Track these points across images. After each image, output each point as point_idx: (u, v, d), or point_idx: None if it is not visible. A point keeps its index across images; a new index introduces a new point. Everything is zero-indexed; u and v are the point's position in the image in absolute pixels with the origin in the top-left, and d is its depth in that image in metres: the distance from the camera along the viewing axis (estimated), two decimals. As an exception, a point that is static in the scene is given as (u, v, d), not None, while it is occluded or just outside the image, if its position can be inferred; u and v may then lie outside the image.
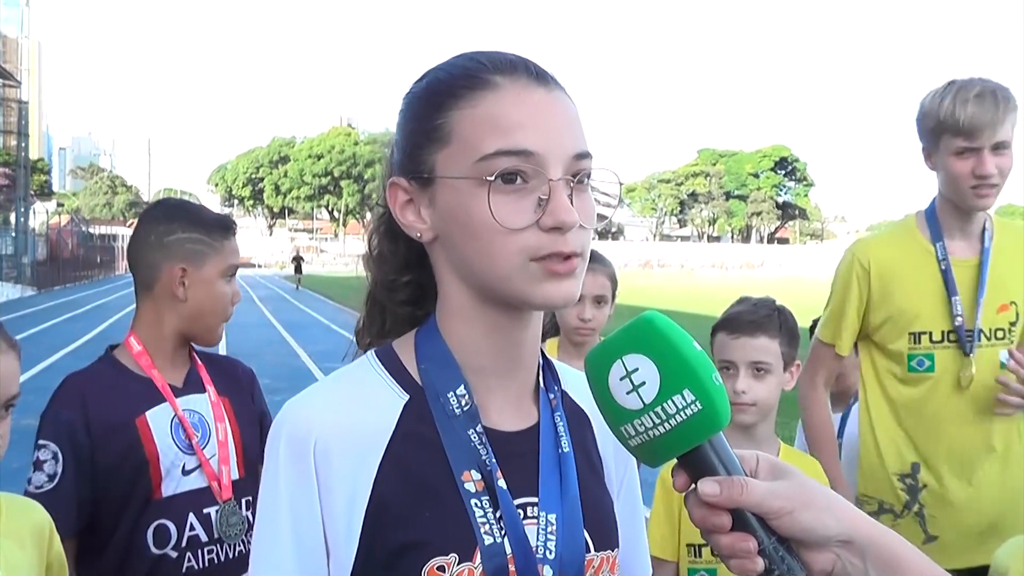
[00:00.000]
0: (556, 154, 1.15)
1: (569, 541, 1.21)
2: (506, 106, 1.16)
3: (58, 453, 2.23)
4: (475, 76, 1.20)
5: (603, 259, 3.45)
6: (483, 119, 1.16)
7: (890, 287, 3.04)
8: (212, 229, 2.47)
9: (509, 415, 1.27)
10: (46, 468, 2.22)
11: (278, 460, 1.21)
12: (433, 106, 1.21)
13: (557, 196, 1.14)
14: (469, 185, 1.16)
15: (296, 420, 1.22)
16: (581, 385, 1.36)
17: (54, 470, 2.22)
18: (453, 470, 1.19)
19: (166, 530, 2.29)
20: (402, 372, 1.27)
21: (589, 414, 1.37)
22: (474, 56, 1.24)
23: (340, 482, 1.18)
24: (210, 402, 2.44)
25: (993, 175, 2.82)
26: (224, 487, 2.37)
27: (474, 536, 1.16)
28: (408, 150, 1.24)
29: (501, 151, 1.14)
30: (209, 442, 2.38)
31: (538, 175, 1.14)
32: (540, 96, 1.18)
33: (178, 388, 2.41)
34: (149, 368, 2.38)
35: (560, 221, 1.13)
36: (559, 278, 1.16)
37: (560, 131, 1.17)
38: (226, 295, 2.47)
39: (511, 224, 1.13)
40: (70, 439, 2.24)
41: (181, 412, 2.36)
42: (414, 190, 1.24)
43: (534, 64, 1.22)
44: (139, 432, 2.29)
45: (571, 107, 1.22)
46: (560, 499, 1.23)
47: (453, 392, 1.23)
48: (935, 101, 2.87)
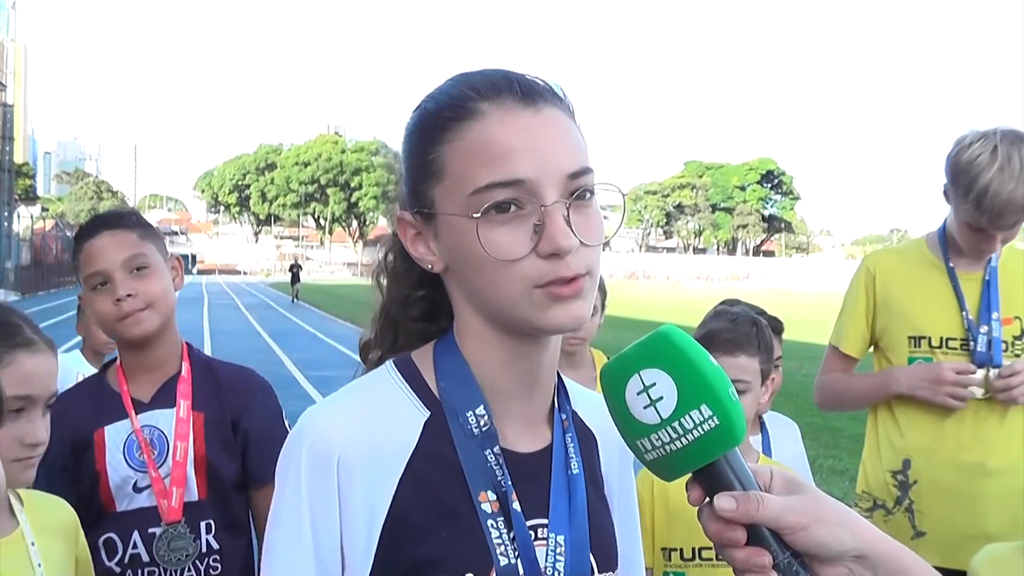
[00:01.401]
0: (549, 177, 1.13)
1: (576, 563, 1.22)
2: (492, 134, 1.14)
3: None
4: (460, 105, 1.18)
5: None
6: (471, 151, 1.15)
7: (893, 292, 3.14)
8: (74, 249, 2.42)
9: (524, 436, 1.28)
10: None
11: (300, 472, 1.20)
12: (425, 139, 1.21)
13: (552, 222, 1.12)
14: (465, 220, 1.14)
15: (319, 433, 1.22)
16: (590, 404, 1.39)
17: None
18: (471, 490, 1.19)
19: (113, 544, 2.28)
20: (423, 386, 1.27)
21: (596, 433, 1.38)
22: (460, 80, 1.22)
23: (360, 497, 1.19)
24: (176, 418, 2.35)
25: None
26: (171, 509, 2.28)
27: (490, 556, 1.17)
28: (410, 185, 1.25)
29: (492, 183, 1.12)
30: (165, 460, 2.32)
31: (532, 201, 1.13)
32: (527, 119, 1.15)
33: (143, 403, 2.36)
34: (121, 383, 2.36)
35: (557, 247, 1.11)
36: (565, 301, 1.15)
37: (551, 152, 1.15)
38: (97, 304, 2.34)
39: (507, 256, 1.12)
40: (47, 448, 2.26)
41: (139, 428, 2.31)
42: (420, 224, 1.24)
43: (521, 81, 1.19)
44: (95, 446, 2.29)
45: (563, 123, 1.19)
46: (569, 521, 1.24)
47: (472, 412, 1.23)
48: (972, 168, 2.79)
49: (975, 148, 2.79)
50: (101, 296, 2.32)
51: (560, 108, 1.20)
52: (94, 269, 2.32)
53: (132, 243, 2.36)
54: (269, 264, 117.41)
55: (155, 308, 2.34)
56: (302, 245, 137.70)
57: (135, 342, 2.35)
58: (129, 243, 2.35)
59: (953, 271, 3.05)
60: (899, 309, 3.12)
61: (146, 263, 2.35)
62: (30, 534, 1.84)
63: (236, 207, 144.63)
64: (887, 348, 3.18)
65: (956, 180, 2.86)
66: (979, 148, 2.78)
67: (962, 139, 2.87)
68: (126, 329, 2.31)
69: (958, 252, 3.06)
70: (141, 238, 2.38)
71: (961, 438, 3.02)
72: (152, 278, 2.35)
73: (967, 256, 3.05)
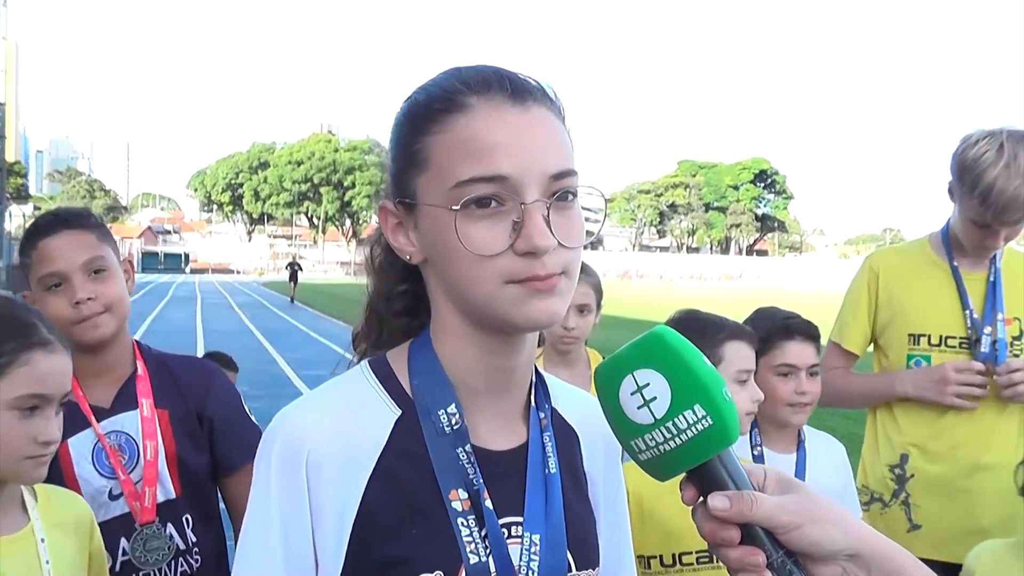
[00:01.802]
0: (531, 176, 1.13)
1: (552, 561, 1.22)
2: (479, 129, 1.14)
3: None
4: (449, 98, 1.18)
5: (587, 268, 3.46)
6: (456, 144, 1.15)
7: (894, 289, 3.18)
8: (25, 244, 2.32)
9: (499, 434, 1.28)
10: None
11: (270, 470, 1.21)
12: (412, 130, 1.21)
13: (531, 220, 1.12)
14: (445, 212, 1.14)
15: (290, 431, 1.23)
16: (572, 401, 1.40)
17: None
18: (441, 488, 1.19)
19: None
20: (395, 385, 1.27)
21: (578, 430, 1.38)
22: (453, 73, 1.21)
23: (330, 494, 1.19)
24: (141, 418, 2.29)
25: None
26: (145, 510, 2.24)
27: (459, 554, 1.17)
28: (394, 174, 1.25)
29: (475, 178, 1.13)
30: (137, 463, 2.26)
31: (513, 198, 1.13)
32: (514, 116, 1.15)
33: (104, 409, 2.29)
34: (76, 391, 2.23)
35: (533, 246, 1.12)
36: (540, 296, 1.15)
37: (536, 152, 1.14)
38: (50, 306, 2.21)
39: (484, 251, 1.13)
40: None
41: (104, 436, 2.25)
42: (401, 214, 1.24)
43: (512, 79, 1.19)
44: (60, 460, 2.17)
45: (551, 124, 1.19)
46: (545, 519, 1.24)
47: (444, 410, 1.23)
48: (978, 165, 2.84)
49: (981, 145, 2.84)
50: (56, 297, 2.23)
51: (549, 108, 1.20)
52: (51, 270, 2.24)
53: (91, 245, 2.29)
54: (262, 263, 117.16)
55: (113, 312, 2.27)
56: (295, 244, 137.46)
57: (91, 346, 2.26)
58: (89, 245, 2.28)
59: (957, 270, 3.08)
60: (900, 307, 3.15)
61: (104, 266, 2.28)
62: (40, 530, 1.86)
63: (229, 206, 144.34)
64: (886, 345, 3.22)
65: (962, 177, 2.89)
66: (985, 145, 2.83)
67: (968, 137, 2.91)
68: (83, 333, 2.23)
69: (962, 251, 3.08)
70: (100, 240, 2.31)
71: (957, 434, 3.05)
72: (110, 281, 2.29)
73: (971, 255, 3.07)
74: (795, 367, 2.74)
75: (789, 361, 2.74)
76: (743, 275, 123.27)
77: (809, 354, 2.76)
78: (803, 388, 2.73)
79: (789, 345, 2.76)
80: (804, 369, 2.74)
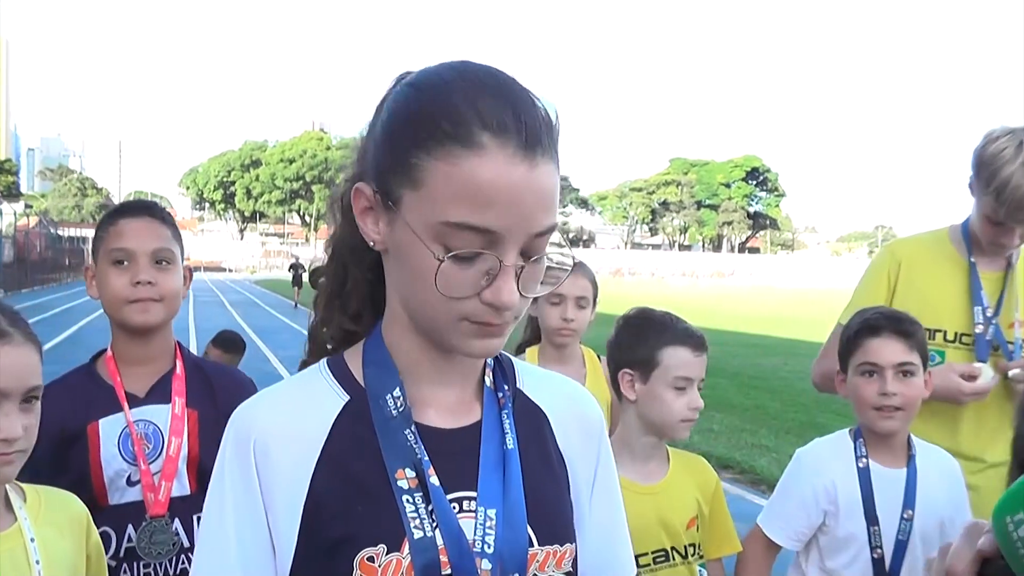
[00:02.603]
0: (518, 234, 1.13)
1: (510, 536, 1.22)
2: (484, 179, 1.11)
3: None
4: (462, 127, 1.13)
5: (583, 264, 3.52)
6: (457, 183, 1.12)
7: (915, 281, 3.14)
8: (102, 220, 2.45)
9: (448, 413, 1.30)
10: None
11: (224, 461, 1.25)
12: (412, 140, 1.16)
13: (504, 278, 1.14)
14: (424, 244, 1.14)
15: (240, 421, 1.26)
16: (541, 383, 1.41)
17: None
18: (388, 469, 1.21)
19: (108, 537, 2.28)
20: (346, 376, 1.30)
21: (546, 410, 1.39)
22: (469, 94, 1.15)
23: (279, 479, 1.22)
24: (172, 414, 2.37)
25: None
26: (157, 503, 2.30)
27: (403, 527, 1.18)
28: (381, 167, 1.21)
29: (465, 224, 1.11)
30: (160, 456, 2.33)
31: (492, 249, 1.13)
32: (522, 173, 1.12)
33: (139, 398, 2.37)
34: (113, 375, 2.38)
35: (501, 303, 1.14)
36: (488, 336, 1.19)
37: (530, 211, 1.13)
38: (111, 279, 2.36)
39: (454, 294, 1.14)
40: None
41: (132, 423, 2.33)
42: (376, 204, 1.22)
43: (528, 123, 1.14)
44: (88, 439, 2.30)
45: (551, 180, 1.17)
46: (502, 495, 1.25)
47: (390, 394, 1.26)
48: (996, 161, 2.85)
49: (1001, 142, 2.84)
50: (118, 273, 2.36)
51: (552, 159, 1.17)
52: (121, 245, 2.37)
53: (164, 237, 2.43)
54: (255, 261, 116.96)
55: (165, 303, 2.39)
56: (287, 242, 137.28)
57: (136, 329, 2.38)
58: (162, 236, 2.42)
59: (975, 266, 3.07)
60: (919, 299, 3.09)
61: (170, 259, 2.42)
62: (29, 530, 1.82)
63: (221, 204, 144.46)
64: None
65: (980, 172, 2.90)
66: (1005, 142, 2.84)
67: (991, 133, 2.92)
68: (132, 314, 2.36)
69: (980, 249, 3.07)
70: (172, 237, 2.45)
71: (961, 431, 3.04)
72: (170, 275, 2.41)
73: (987, 253, 3.06)
74: (878, 366, 2.58)
75: (871, 359, 2.60)
76: (735, 273, 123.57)
77: (895, 351, 2.58)
78: (887, 389, 2.55)
79: (872, 342, 2.61)
80: (889, 368, 2.57)
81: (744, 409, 13.16)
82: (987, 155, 2.87)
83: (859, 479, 2.59)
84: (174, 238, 2.46)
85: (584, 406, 1.46)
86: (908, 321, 2.64)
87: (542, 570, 1.28)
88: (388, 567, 1.18)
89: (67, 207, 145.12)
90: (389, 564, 1.18)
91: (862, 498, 2.57)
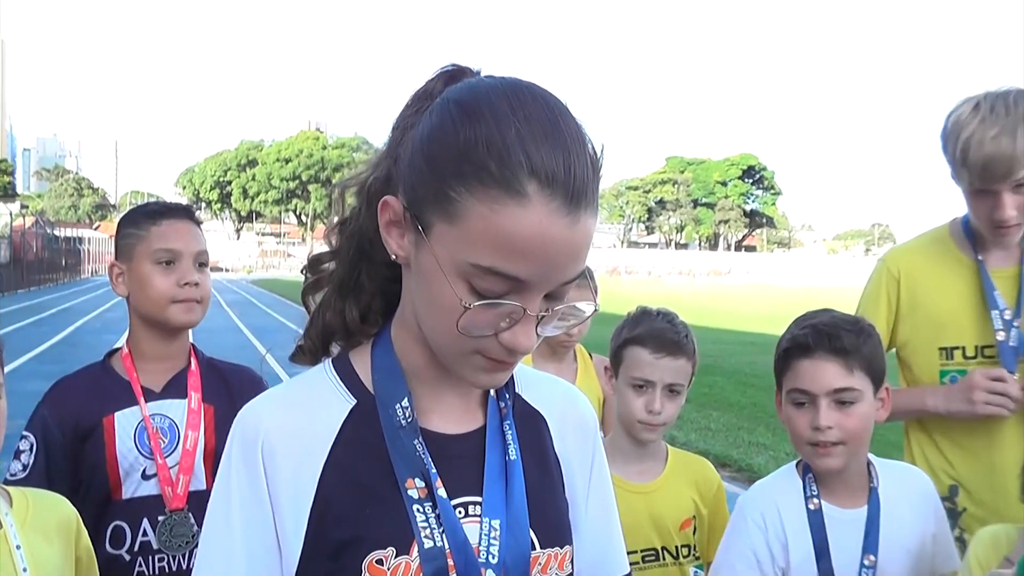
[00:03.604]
0: (547, 285, 1.12)
1: (513, 546, 1.23)
2: (524, 231, 1.07)
3: (35, 445, 2.32)
4: (511, 170, 1.07)
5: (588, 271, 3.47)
6: (495, 230, 1.08)
7: (920, 297, 2.81)
8: (139, 219, 2.50)
9: (453, 419, 1.30)
10: (22, 458, 2.32)
11: (230, 461, 1.25)
12: (454, 172, 1.10)
13: (525, 325, 1.13)
14: (449, 279, 1.12)
15: (246, 422, 1.26)
16: (539, 386, 1.42)
17: (28, 461, 2.31)
18: (398, 477, 1.22)
19: (122, 532, 2.31)
20: (353, 379, 1.30)
21: (545, 414, 1.40)
22: (524, 131, 1.09)
23: (286, 481, 1.22)
24: (188, 409, 2.42)
25: (1012, 217, 2.55)
26: (176, 496, 2.34)
27: (411, 531, 1.19)
28: (415, 189, 1.16)
29: (495, 270, 1.09)
30: (176, 449, 2.37)
31: (517, 297, 1.11)
32: (561, 229, 1.08)
33: (154, 392, 2.41)
34: (129, 370, 2.42)
35: (518, 347, 1.14)
36: (498, 371, 1.20)
37: (562, 266, 1.11)
38: (156, 279, 2.42)
39: (473, 332, 1.13)
40: (43, 434, 2.34)
41: (148, 417, 2.36)
42: (405, 221, 1.19)
43: (579, 176, 1.09)
44: (104, 432, 2.33)
45: (588, 235, 1.13)
46: (505, 505, 1.25)
47: (399, 404, 1.25)
48: (956, 127, 2.58)
49: (959, 111, 2.59)
50: (164, 273, 2.42)
51: (594, 210, 1.13)
52: (170, 245, 2.44)
53: (203, 240, 2.55)
54: (251, 261, 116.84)
55: (203, 304, 2.50)
56: (284, 242, 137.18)
57: (176, 327, 2.46)
58: (201, 239, 2.54)
59: (983, 265, 2.73)
60: (927, 318, 2.77)
61: (207, 262, 2.54)
62: (16, 536, 1.79)
63: (217, 204, 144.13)
64: (910, 359, 2.83)
65: (946, 147, 2.63)
66: (962, 108, 2.58)
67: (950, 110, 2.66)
68: (177, 313, 2.43)
69: (985, 244, 2.74)
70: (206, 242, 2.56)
71: (1006, 462, 2.60)
72: (207, 277, 2.52)
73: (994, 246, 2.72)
74: (809, 393, 2.15)
75: (800, 385, 2.16)
76: (732, 271, 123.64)
77: (830, 375, 2.13)
78: (820, 422, 2.10)
79: (802, 364, 2.17)
80: (823, 396, 2.12)
81: (741, 407, 13.17)
82: (948, 128, 2.61)
83: (810, 524, 2.16)
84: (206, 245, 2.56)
85: (579, 407, 1.47)
86: (851, 332, 2.17)
87: (544, 572, 1.29)
88: (397, 570, 1.18)
89: (63, 207, 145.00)
90: (398, 567, 1.18)
91: (815, 547, 2.14)
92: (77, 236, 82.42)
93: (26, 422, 2.39)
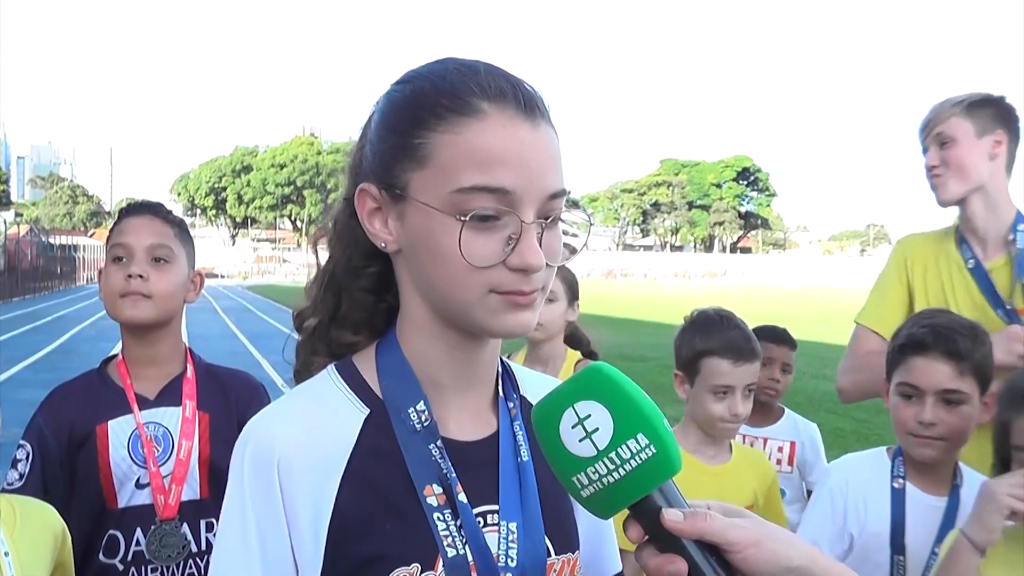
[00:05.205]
0: (532, 194, 1.14)
1: (530, 548, 1.23)
2: (489, 139, 1.14)
3: (31, 454, 2.31)
4: (462, 99, 1.16)
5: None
6: (464, 149, 1.14)
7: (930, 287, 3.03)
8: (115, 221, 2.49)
9: (468, 425, 1.29)
10: (18, 467, 2.31)
11: (243, 478, 1.22)
12: (414, 121, 1.18)
13: (527, 239, 1.14)
14: (441, 215, 1.14)
15: (259, 437, 1.23)
16: (541, 388, 1.39)
17: (24, 470, 2.30)
18: (415, 485, 1.20)
19: (116, 541, 2.29)
20: (362, 386, 1.28)
21: None
22: (463, 71, 1.19)
23: (304, 497, 1.19)
24: (182, 417, 2.38)
25: (935, 166, 2.95)
26: (167, 506, 2.31)
27: (436, 545, 1.17)
28: (383, 160, 1.22)
29: (478, 187, 1.13)
30: (170, 458, 2.34)
31: (511, 214, 1.14)
32: (525, 132, 1.15)
33: (148, 400, 2.39)
34: (124, 378, 2.40)
35: (527, 264, 1.14)
36: (518, 309, 1.18)
37: (540, 170, 1.15)
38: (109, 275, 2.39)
39: (480, 262, 1.14)
40: (39, 442, 2.32)
41: (142, 425, 2.34)
42: (384, 200, 1.22)
43: (525, 91, 1.19)
44: (97, 440, 2.31)
45: (554, 143, 1.20)
46: (521, 508, 1.25)
47: (414, 408, 1.24)
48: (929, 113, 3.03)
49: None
50: (116, 269, 2.38)
51: (551, 125, 1.21)
52: (120, 241, 2.40)
53: (163, 234, 2.43)
54: (246, 267, 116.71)
55: (155, 300, 2.38)
56: (279, 247, 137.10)
57: (127, 324, 2.39)
58: (160, 233, 2.43)
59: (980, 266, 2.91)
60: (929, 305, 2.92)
61: (167, 257, 2.42)
62: (4, 544, 1.81)
63: (212, 210, 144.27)
64: None
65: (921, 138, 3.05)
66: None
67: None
68: (122, 308, 2.37)
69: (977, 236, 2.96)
70: (174, 236, 2.46)
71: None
72: (167, 273, 2.41)
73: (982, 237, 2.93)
74: (918, 389, 2.29)
75: (911, 380, 2.30)
76: (727, 273, 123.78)
77: (941, 375, 2.25)
78: (926, 417, 2.25)
79: (916, 362, 2.30)
80: (931, 393, 2.26)
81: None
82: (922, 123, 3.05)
83: (891, 501, 2.31)
84: (177, 238, 2.46)
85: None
86: (966, 337, 2.27)
87: None
88: None
89: (58, 215, 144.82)
90: None
91: (892, 523, 2.29)
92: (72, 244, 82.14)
93: (22, 431, 2.37)
